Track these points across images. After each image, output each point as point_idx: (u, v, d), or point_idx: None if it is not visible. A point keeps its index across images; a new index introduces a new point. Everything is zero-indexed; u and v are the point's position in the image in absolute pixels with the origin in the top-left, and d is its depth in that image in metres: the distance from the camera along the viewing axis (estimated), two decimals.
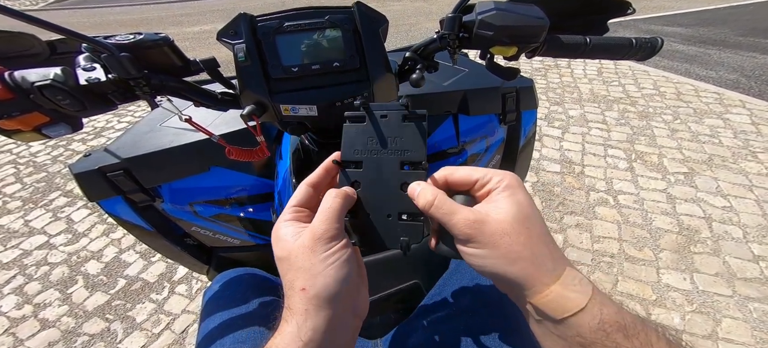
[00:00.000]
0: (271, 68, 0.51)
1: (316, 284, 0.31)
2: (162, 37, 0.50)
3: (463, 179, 0.35)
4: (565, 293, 0.28)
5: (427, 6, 6.90)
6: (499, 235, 0.30)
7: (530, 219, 0.31)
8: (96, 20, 6.74)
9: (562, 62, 3.74)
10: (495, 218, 0.30)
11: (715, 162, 2.23)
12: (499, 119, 0.97)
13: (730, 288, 1.53)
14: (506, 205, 0.31)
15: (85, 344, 1.45)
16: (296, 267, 0.32)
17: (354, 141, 0.38)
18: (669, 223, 1.84)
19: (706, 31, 4.69)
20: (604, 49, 0.61)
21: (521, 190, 0.32)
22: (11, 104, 0.42)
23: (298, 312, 0.31)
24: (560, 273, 0.29)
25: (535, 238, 0.30)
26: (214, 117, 0.86)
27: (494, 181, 0.33)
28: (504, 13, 0.53)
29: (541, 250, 0.30)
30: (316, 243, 0.31)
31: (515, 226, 0.30)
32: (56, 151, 2.71)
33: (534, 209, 0.32)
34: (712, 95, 2.99)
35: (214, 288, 0.67)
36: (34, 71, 0.43)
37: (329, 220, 0.32)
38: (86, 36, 0.43)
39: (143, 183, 0.79)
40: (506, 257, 0.29)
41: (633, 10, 0.63)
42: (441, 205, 0.33)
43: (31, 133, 0.46)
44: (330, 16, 0.52)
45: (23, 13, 0.37)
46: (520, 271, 0.29)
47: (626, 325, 0.27)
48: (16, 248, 1.89)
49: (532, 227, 0.30)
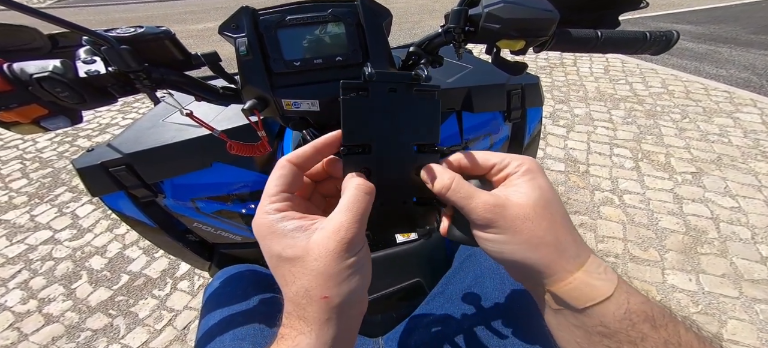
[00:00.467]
0: (272, 62, 0.51)
1: (341, 293, 0.28)
2: (163, 30, 0.49)
3: (479, 163, 0.34)
4: (590, 281, 0.27)
5: (431, 3, 6.86)
6: (520, 220, 0.28)
7: (553, 204, 0.30)
8: (101, 18, 6.80)
9: (568, 60, 3.70)
10: (516, 202, 0.29)
11: (724, 162, 2.19)
12: (503, 117, 0.96)
13: (736, 289, 1.50)
14: (527, 190, 0.30)
15: (88, 339, 1.46)
16: (315, 272, 0.28)
17: (358, 118, 0.33)
18: (675, 224, 1.81)
19: (717, 28, 4.62)
20: (616, 43, 0.59)
21: (542, 174, 0.31)
22: (9, 96, 0.42)
23: (317, 322, 0.28)
24: (584, 260, 0.28)
25: (559, 223, 0.29)
26: (216, 112, 0.86)
27: (513, 165, 0.32)
28: (512, 6, 0.51)
29: (565, 236, 0.29)
30: (343, 247, 0.28)
31: (538, 210, 0.29)
32: (62, 147, 2.73)
33: (556, 194, 0.31)
34: (723, 94, 2.94)
35: (215, 284, 0.67)
36: (33, 63, 0.43)
37: (356, 222, 0.29)
38: (86, 28, 0.43)
39: (145, 178, 0.79)
40: (528, 243, 0.28)
41: (646, 4, 0.61)
42: (458, 189, 0.31)
43: (29, 125, 0.46)
44: (333, 10, 0.51)
45: (24, 5, 0.37)
46: (542, 258, 0.28)
47: (654, 316, 0.26)
48: (21, 243, 1.91)
49: (555, 212, 0.29)
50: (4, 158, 2.63)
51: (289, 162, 0.32)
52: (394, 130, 0.34)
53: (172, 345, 1.42)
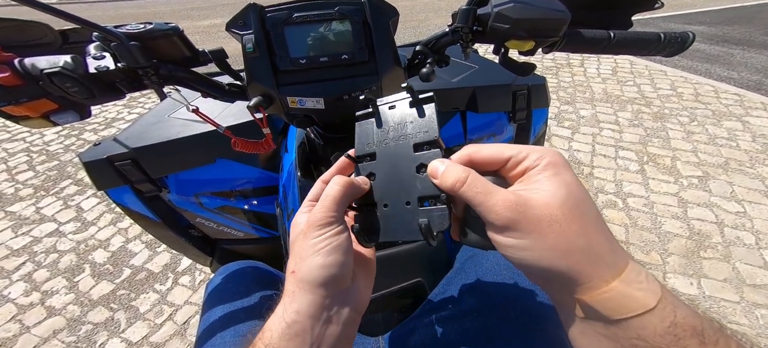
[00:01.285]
0: (278, 60, 0.51)
1: (302, 267, 0.31)
2: (171, 27, 0.50)
3: (491, 157, 0.30)
4: (629, 291, 0.23)
5: (437, 2, 6.84)
6: (547, 223, 0.25)
7: (583, 203, 0.26)
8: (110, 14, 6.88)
9: (575, 61, 3.66)
10: (541, 201, 0.25)
11: (732, 166, 2.15)
12: (508, 117, 0.96)
13: (737, 294, 1.49)
14: (552, 187, 0.26)
15: (89, 333, 1.48)
16: (294, 251, 0.33)
17: (366, 136, 0.38)
18: (679, 228, 1.79)
19: (730, 29, 4.54)
20: (629, 44, 0.57)
21: (567, 169, 0.27)
22: (20, 90, 0.43)
23: (286, 294, 0.32)
24: (622, 268, 0.24)
25: (591, 226, 0.25)
26: (221, 108, 0.87)
27: (532, 158, 0.27)
28: (522, 6, 0.50)
29: (599, 240, 0.25)
30: (309, 227, 0.32)
31: (566, 211, 0.25)
32: (69, 141, 2.77)
33: (585, 192, 0.26)
34: (733, 97, 2.88)
35: (217, 280, 0.67)
36: (43, 58, 0.44)
37: (325, 207, 0.32)
38: (97, 24, 0.44)
39: (150, 173, 0.80)
40: (556, 248, 0.24)
41: (661, 4, 0.60)
42: (474, 184, 0.28)
43: (39, 119, 0.47)
44: (340, 7, 0.51)
45: (36, 1, 0.37)
46: (573, 266, 0.24)
47: (703, 331, 0.23)
48: (27, 235, 1.94)
49: (586, 213, 0.25)
50: (11, 150, 2.66)
51: (321, 181, 0.37)
52: (396, 136, 0.36)
53: (172, 340, 1.43)
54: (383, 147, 0.37)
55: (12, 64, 0.42)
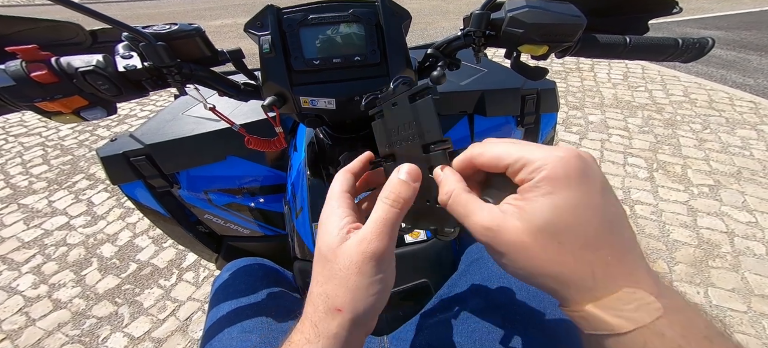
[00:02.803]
0: (293, 60, 0.52)
1: (357, 308, 0.28)
2: (195, 28, 0.51)
3: (491, 162, 0.28)
4: (601, 316, 0.23)
5: (445, 5, 6.82)
6: (515, 249, 0.24)
7: (568, 231, 0.23)
8: (128, 14, 7.01)
9: (585, 65, 3.61)
10: (513, 226, 0.24)
11: (744, 175, 2.10)
12: (516, 121, 0.95)
13: (745, 304, 1.46)
14: (534, 209, 0.24)
15: (93, 327, 1.51)
16: (337, 278, 0.28)
17: (382, 136, 0.38)
18: (687, 236, 1.76)
19: (748, 35, 4.43)
20: (645, 49, 0.56)
21: (569, 185, 0.24)
22: (55, 87, 0.45)
23: (326, 334, 0.28)
24: (602, 294, 0.23)
25: (571, 254, 0.23)
26: (233, 107, 0.88)
27: (527, 170, 0.25)
28: (537, 11, 0.50)
29: (576, 268, 0.23)
30: (366, 262, 0.28)
31: (539, 238, 0.24)
32: (83, 136, 2.83)
33: (582, 214, 0.23)
34: (748, 104, 2.82)
35: (224, 276, 0.68)
36: (78, 57, 0.46)
37: (383, 235, 0.28)
38: (127, 25, 0.45)
39: (163, 169, 0.82)
40: (526, 270, 0.25)
41: (680, 9, 0.58)
42: (455, 204, 0.28)
43: (70, 115, 0.49)
44: (354, 10, 0.52)
45: (76, 3, 0.39)
46: (543, 286, 0.25)
47: None
48: (38, 228, 1.99)
49: (569, 241, 0.23)
50: (27, 144, 2.73)
51: (348, 171, 0.36)
52: (406, 136, 0.36)
53: (174, 335, 1.45)
54: (399, 147, 0.36)
55: (49, 63, 0.45)
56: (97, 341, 1.45)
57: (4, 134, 2.85)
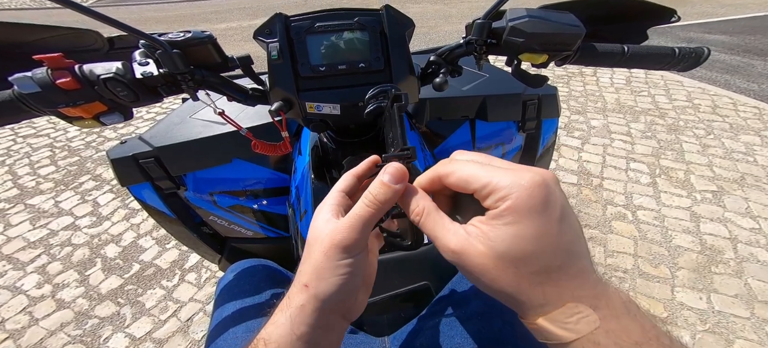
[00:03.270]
0: (300, 67, 0.54)
1: (319, 286, 0.31)
2: (207, 35, 0.53)
3: (458, 185, 0.29)
4: (549, 327, 0.26)
5: (447, 9, 6.81)
6: (479, 271, 0.27)
7: (526, 259, 0.25)
8: (135, 17, 7.08)
9: (588, 70, 3.61)
10: (477, 250, 0.27)
11: (748, 181, 2.09)
12: (517, 126, 0.96)
13: (748, 310, 1.45)
14: (497, 237, 0.26)
15: (95, 327, 1.52)
16: (311, 259, 0.32)
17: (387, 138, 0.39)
18: (690, 242, 1.75)
19: (752, 39, 4.39)
20: (642, 58, 0.58)
21: (530, 216, 0.25)
22: (77, 94, 0.47)
23: (295, 306, 0.31)
24: (550, 309, 0.26)
25: (523, 278, 0.26)
26: (239, 111, 0.90)
27: (492, 199, 0.26)
28: (537, 21, 0.52)
29: (526, 289, 0.26)
30: (332, 248, 0.30)
31: (499, 264, 0.26)
32: (90, 137, 2.86)
33: (539, 243, 0.25)
34: (752, 110, 2.80)
35: (229, 277, 0.69)
36: (99, 65, 0.48)
37: (352, 228, 0.30)
38: (144, 33, 0.47)
39: (171, 171, 0.84)
40: (487, 289, 0.27)
41: (678, 17, 0.60)
42: (426, 224, 0.30)
43: (90, 120, 0.51)
44: (359, 18, 0.54)
45: (99, 13, 0.41)
46: (503, 300, 0.28)
47: None
48: (44, 228, 2.01)
49: (524, 267, 0.26)
50: (36, 146, 2.77)
51: (352, 175, 0.37)
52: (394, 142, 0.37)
53: (175, 336, 1.47)
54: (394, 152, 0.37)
55: (72, 70, 0.46)
56: (99, 341, 1.46)
57: (13, 135, 2.88)
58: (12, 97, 0.47)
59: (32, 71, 0.46)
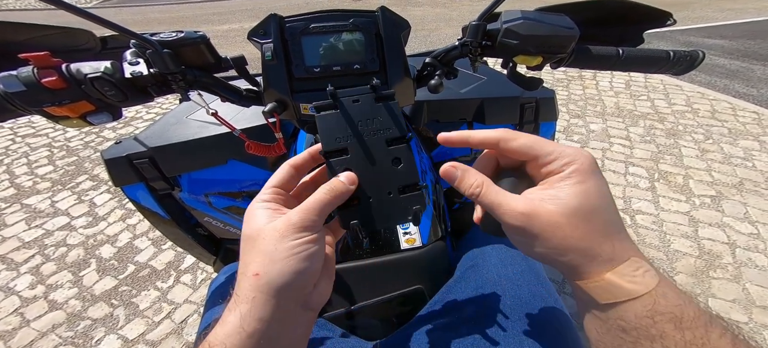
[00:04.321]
0: (294, 68, 0.53)
1: (271, 271, 0.29)
2: (200, 35, 0.53)
3: (522, 150, 0.32)
4: (618, 282, 0.27)
5: (448, 12, 6.82)
6: (551, 229, 0.28)
7: (595, 212, 0.28)
8: (138, 18, 7.11)
9: (587, 73, 3.60)
10: (548, 210, 0.28)
11: (747, 187, 2.08)
12: (515, 129, 0.95)
13: (746, 315, 1.45)
14: (568, 195, 0.28)
15: (87, 329, 1.51)
16: (258, 249, 0.30)
17: (332, 129, 0.38)
18: (688, 247, 1.74)
19: (752, 44, 4.39)
20: (637, 61, 0.58)
21: (591, 176, 0.29)
22: (64, 93, 0.47)
23: (244, 300, 0.29)
24: (618, 263, 0.27)
25: (595, 231, 0.28)
26: (235, 112, 0.89)
27: (557, 163, 0.30)
28: (531, 23, 0.52)
29: (600, 243, 0.28)
30: (288, 229, 0.30)
31: (572, 220, 0.28)
32: (89, 137, 2.86)
33: (603, 200, 0.29)
34: (751, 115, 2.79)
35: (221, 279, 0.68)
36: (87, 64, 0.48)
37: (308, 210, 0.31)
38: (135, 33, 0.47)
39: (166, 172, 0.83)
40: (557, 248, 0.28)
41: (674, 21, 0.60)
42: (487, 194, 0.31)
43: (77, 119, 0.50)
44: (354, 19, 0.54)
45: (89, 12, 0.41)
46: (570, 261, 0.28)
47: (683, 318, 0.26)
48: (39, 228, 2.00)
49: (595, 220, 0.28)
50: (34, 145, 2.77)
51: (289, 165, 0.37)
52: (365, 132, 0.38)
53: (168, 338, 1.46)
54: (354, 142, 0.38)
55: (59, 69, 0.46)
56: (91, 343, 1.45)
57: (12, 135, 2.89)
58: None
59: (18, 70, 0.45)
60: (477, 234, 0.68)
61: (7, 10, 8.33)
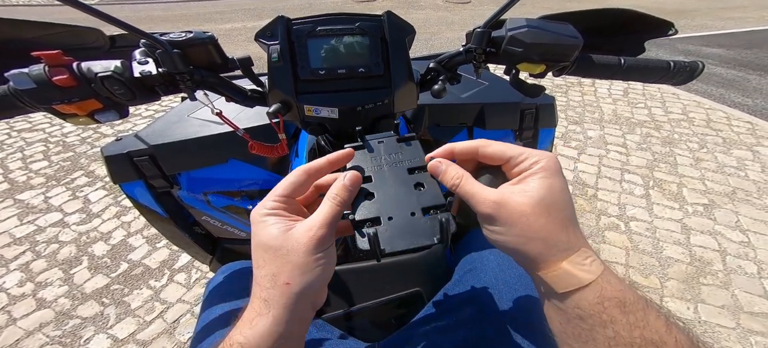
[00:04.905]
0: (300, 69, 0.54)
1: (303, 281, 0.32)
2: (208, 36, 0.53)
3: (496, 154, 0.36)
4: (572, 270, 0.30)
5: (451, 16, 6.84)
6: (517, 216, 0.31)
7: (555, 205, 0.32)
8: (142, 15, 7.07)
9: (586, 81, 3.62)
10: (517, 200, 0.32)
11: (739, 196, 2.10)
12: (515, 135, 0.96)
13: (734, 320, 1.47)
14: (534, 187, 0.32)
15: (76, 328, 1.49)
16: (284, 260, 0.33)
17: (358, 162, 0.41)
18: (680, 253, 1.76)
19: (749, 54, 4.42)
20: (638, 71, 0.58)
21: (556, 174, 0.33)
22: (73, 91, 0.47)
23: (277, 305, 0.32)
24: (572, 253, 0.30)
25: (555, 222, 0.31)
26: (237, 112, 0.89)
27: (528, 163, 0.33)
28: (536, 31, 0.52)
29: (559, 232, 0.31)
30: (313, 243, 0.33)
31: (536, 208, 0.31)
32: (86, 133, 2.84)
33: (564, 196, 0.33)
34: (745, 125, 2.82)
35: (219, 279, 0.68)
36: (98, 63, 0.48)
37: (326, 226, 0.34)
38: (145, 32, 0.47)
39: (165, 169, 0.83)
40: (522, 236, 0.31)
41: (675, 31, 0.60)
42: (464, 186, 0.35)
43: (85, 117, 0.51)
44: (360, 23, 0.54)
45: (102, 12, 0.41)
46: (532, 249, 0.31)
47: (625, 302, 0.29)
48: (31, 224, 1.99)
49: (555, 212, 0.31)
50: (30, 140, 2.75)
51: (305, 172, 0.38)
52: (389, 162, 0.41)
53: (159, 338, 1.44)
54: (378, 171, 0.40)
55: (71, 68, 0.47)
56: (79, 342, 1.43)
57: (8, 129, 2.87)
58: (6, 92, 0.47)
59: (29, 68, 0.46)
60: (475, 239, 0.69)
61: (11, 6, 8.29)
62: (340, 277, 0.62)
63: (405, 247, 0.35)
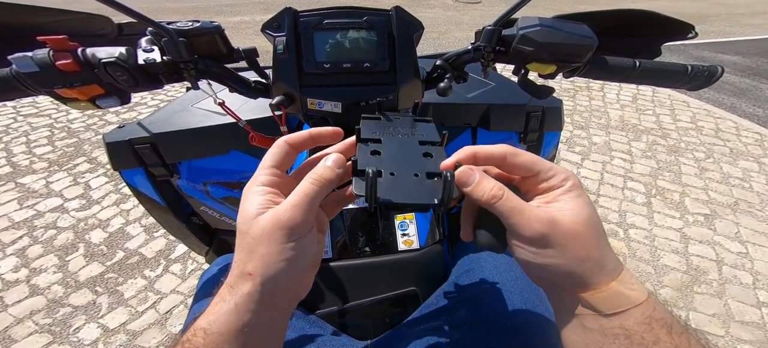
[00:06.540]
0: (304, 62, 0.53)
1: (266, 274, 0.30)
2: (215, 26, 0.54)
3: (525, 165, 0.32)
4: (623, 291, 0.29)
5: (459, 15, 6.77)
6: (572, 237, 0.29)
7: (597, 221, 0.31)
8: (153, 6, 7.11)
9: (595, 84, 3.56)
10: (568, 220, 0.29)
11: (741, 207, 2.06)
12: (519, 137, 0.95)
13: (723, 329, 1.47)
14: (575, 207, 0.30)
15: (66, 316, 1.48)
16: (251, 248, 0.30)
17: (371, 128, 0.39)
18: (677, 262, 1.74)
19: (764, 62, 4.31)
20: (654, 74, 0.56)
21: (584, 191, 0.32)
22: (76, 75, 0.48)
23: (238, 294, 0.30)
24: (619, 273, 0.29)
25: (602, 241, 0.30)
26: (241, 103, 0.89)
27: (557, 179, 0.31)
28: (549, 30, 0.51)
29: (606, 251, 0.30)
30: (278, 230, 0.29)
31: (587, 228, 0.29)
32: (92, 120, 2.87)
33: (596, 211, 0.31)
34: (754, 136, 2.75)
35: (213, 270, 0.68)
36: (102, 49, 0.49)
37: (297, 207, 0.30)
38: (152, 20, 0.48)
39: (167, 158, 0.83)
40: (576, 258, 0.29)
41: (695, 33, 0.58)
42: (509, 200, 0.30)
43: (86, 102, 0.51)
44: (368, 17, 0.53)
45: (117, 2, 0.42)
46: (586, 271, 0.29)
47: (672, 325, 0.28)
48: (31, 208, 2.01)
49: (599, 230, 0.30)
50: (36, 125, 2.78)
51: (286, 143, 0.35)
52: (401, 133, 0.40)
53: (150, 329, 1.44)
54: (389, 137, 0.38)
55: (75, 53, 0.47)
56: (68, 331, 1.43)
57: (14, 114, 2.91)
58: (9, 75, 0.47)
59: (33, 52, 0.46)
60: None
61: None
62: (335, 273, 0.61)
63: (402, 200, 0.32)
